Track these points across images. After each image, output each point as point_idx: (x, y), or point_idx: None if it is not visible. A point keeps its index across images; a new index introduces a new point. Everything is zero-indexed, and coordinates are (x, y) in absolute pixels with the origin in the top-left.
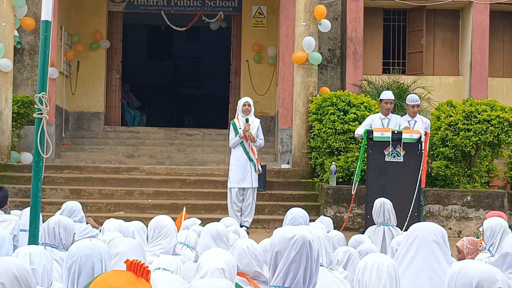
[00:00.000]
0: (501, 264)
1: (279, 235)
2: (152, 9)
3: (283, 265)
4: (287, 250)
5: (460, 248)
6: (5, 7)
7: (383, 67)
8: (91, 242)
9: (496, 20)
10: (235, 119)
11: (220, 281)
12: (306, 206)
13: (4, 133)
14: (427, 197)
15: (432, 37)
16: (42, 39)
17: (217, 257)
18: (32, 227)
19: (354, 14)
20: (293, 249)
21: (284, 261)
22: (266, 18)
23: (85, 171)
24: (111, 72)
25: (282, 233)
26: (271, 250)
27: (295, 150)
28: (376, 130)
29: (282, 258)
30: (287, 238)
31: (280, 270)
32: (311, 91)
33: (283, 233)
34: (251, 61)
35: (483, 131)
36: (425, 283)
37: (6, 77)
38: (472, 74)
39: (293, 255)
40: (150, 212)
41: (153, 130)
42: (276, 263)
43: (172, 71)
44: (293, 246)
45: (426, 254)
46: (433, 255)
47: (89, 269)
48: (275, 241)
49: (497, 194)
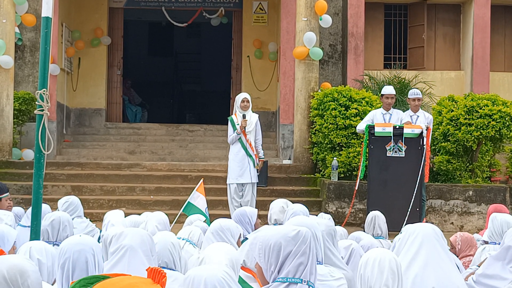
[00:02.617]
0: (503, 257)
1: (279, 234)
2: (153, 5)
3: (292, 258)
4: (296, 245)
5: (453, 243)
6: (6, 4)
7: (384, 62)
8: (81, 237)
9: (497, 14)
10: (233, 115)
11: (216, 269)
12: (308, 201)
13: (5, 130)
14: (429, 192)
15: (433, 32)
16: (43, 36)
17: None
18: (34, 224)
19: (355, 9)
20: (303, 243)
21: (294, 254)
22: (267, 13)
23: (87, 167)
24: (112, 68)
25: (282, 231)
26: (275, 249)
27: (297, 146)
28: (377, 125)
29: (291, 253)
30: (293, 234)
31: (290, 263)
32: (312, 87)
33: (284, 231)
34: (252, 56)
35: (484, 126)
36: (432, 275)
37: (7, 74)
38: (473, 68)
39: (303, 247)
40: (151, 208)
41: (154, 126)
42: (282, 259)
43: (173, 67)
44: (302, 240)
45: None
46: (436, 249)
47: (83, 264)
48: (279, 240)
49: (499, 188)
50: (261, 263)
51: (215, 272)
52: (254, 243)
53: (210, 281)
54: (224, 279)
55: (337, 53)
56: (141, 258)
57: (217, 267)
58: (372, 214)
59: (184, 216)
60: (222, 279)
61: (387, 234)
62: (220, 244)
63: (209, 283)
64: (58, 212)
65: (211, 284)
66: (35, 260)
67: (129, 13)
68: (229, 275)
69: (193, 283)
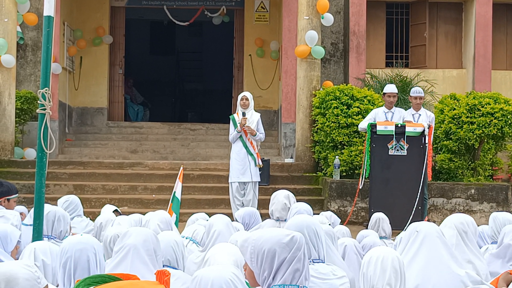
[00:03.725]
0: (503, 255)
1: (273, 239)
2: (155, 4)
3: (288, 265)
4: (290, 252)
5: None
6: (8, 3)
7: (386, 60)
8: (82, 237)
9: (499, 13)
10: (235, 114)
11: (223, 270)
12: (310, 200)
13: (7, 129)
14: (431, 190)
15: (435, 30)
16: (45, 35)
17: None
18: (36, 223)
19: (357, 8)
20: (298, 249)
21: (289, 261)
22: (268, 12)
23: (89, 166)
24: (114, 67)
25: (276, 237)
26: (269, 255)
27: (299, 144)
28: (379, 124)
29: (285, 260)
30: (287, 240)
31: (286, 269)
32: (314, 85)
33: (278, 237)
34: (254, 55)
35: (486, 124)
36: (433, 274)
37: (9, 73)
38: (475, 67)
39: (298, 254)
40: (154, 207)
41: (156, 125)
42: (276, 265)
43: (175, 66)
44: (296, 246)
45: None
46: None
47: (85, 263)
48: (273, 246)
49: (501, 187)
50: (253, 267)
51: (223, 273)
52: (245, 246)
53: (217, 281)
54: (231, 280)
55: (339, 52)
56: (143, 258)
57: (225, 268)
58: (377, 216)
59: (186, 215)
60: (229, 280)
61: (390, 235)
62: (225, 244)
63: (216, 284)
64: (53, 206)
65: (218, 285)
66: (40, 261)
67: (131, 12)
68: (236, 276)
69: (200, 283)
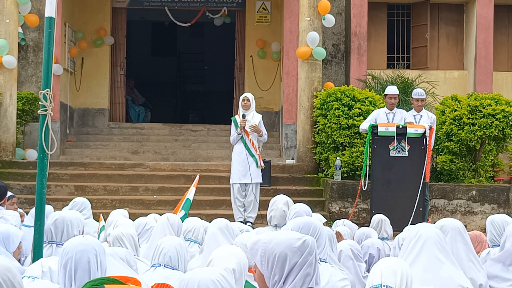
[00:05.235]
0: (504, 259)
1: (285, 243)
2: (156, 5)
3: (298, 269)
4: (302, 256)
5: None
6: (9, 4)
7: (387, 61)
8: (84, 238)
9: (500, 14)
10: (236, 115)
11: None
12: (311, 201)
13: (8, 130)
14: (432, 191)
15: (437, 32)
16: (46, 36)
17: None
18: (38, 224)
19: (358, 9)
20: (309, 254)
21: (300, 265)
22: (270, 13)
23: (90, 167)
24: (116, 68)
25: (288, 240)
26: (280, 259)
27: (300, 146)
28: (380, 125)
29: (296, 264)
30: (298, 244)
31: (296, 274)
32: (316, 86)
33: (289, 241)
34: (255, 56)
35: (488, 125)
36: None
37: (10, 74)
38: (476, 68)
39: (310, 258)
40: (155, 208)
41: (157, 126)
42: (287, 269)
43: (176, 67)
44: (308, 250)
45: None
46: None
47: (85, 264)
48: (285, 250)
49: (502, 188)
50: (263, 271)
51: (209, 274)
52: (255, 249)
53: (203, 283)
54: (218, 281)
55: (340, 53)
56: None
57: (213, 270)
58: (378, 218)
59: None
60: (216, 281)
61: (392, 236)
62: (229, 247)
63: (203, 285)
64: (62, 212)
65: (204, 286)
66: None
67: (132, 13)
68: (223, 277)
69: (187, 285)
